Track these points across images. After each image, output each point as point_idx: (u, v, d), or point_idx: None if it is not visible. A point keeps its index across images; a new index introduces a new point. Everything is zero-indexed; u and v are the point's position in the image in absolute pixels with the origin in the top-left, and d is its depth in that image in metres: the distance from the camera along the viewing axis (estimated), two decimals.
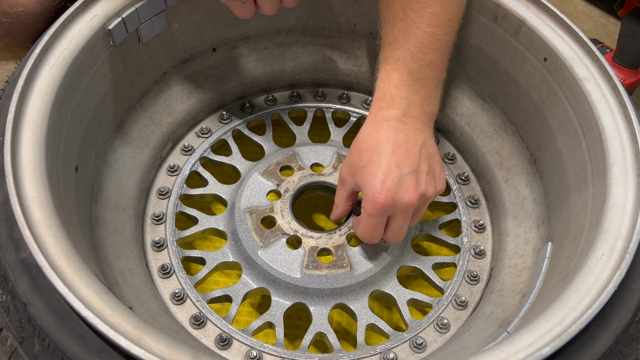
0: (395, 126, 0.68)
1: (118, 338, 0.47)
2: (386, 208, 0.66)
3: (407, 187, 0.66)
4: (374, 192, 0.65)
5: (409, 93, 0.69)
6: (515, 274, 0.76)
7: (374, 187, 0.65)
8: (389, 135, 0.67)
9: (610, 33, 1.65)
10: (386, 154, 0.66)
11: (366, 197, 0.67)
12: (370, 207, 0.66)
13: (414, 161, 0.67)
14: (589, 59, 0.70)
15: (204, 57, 0.89)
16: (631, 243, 0.55)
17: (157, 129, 0.86)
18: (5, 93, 0.65)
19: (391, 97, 0.69)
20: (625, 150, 0.63)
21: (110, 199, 0.76)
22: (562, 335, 0.50)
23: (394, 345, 0.73)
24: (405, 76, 0.69)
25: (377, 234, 0.69)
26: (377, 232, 0.69)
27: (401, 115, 0.68)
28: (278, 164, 0.85)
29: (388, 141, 0.67)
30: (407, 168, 0.66)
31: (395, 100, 0.68)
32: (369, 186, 0.66)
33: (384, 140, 0.67)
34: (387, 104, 0.69)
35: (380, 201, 0.65)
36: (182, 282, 0.76)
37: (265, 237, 0.77)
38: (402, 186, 0.65)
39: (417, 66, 0.69)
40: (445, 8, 0.68)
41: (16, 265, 0.52)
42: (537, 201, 0.80)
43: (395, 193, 0.65)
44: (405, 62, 0.68)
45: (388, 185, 0.65)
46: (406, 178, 0.66)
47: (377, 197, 0.65)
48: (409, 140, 0.68)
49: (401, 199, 0.65)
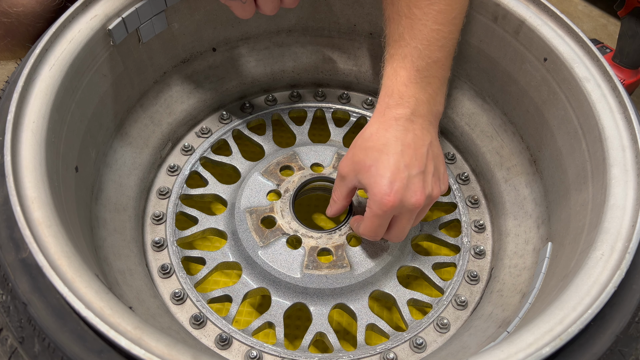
0: (405, 125, 0.67)
1: (118, 338, 0.47)
2: (393, 209, 0.65)
3: (415, 189, 0.65)
4: (382, 193, 0.64)
5: (417, 91, 0.68)
6: (515, 274, 0.76)
7: (382, 187, 0.64)
8: (397, 134, 0.67)
9: (610, 33, 1.65)
10: (395, 154, 0.65)
11: (373, 197, 0.66)
12: (377, 207, 0.65)
13: (421, 162, 0.66)
14: (589, 59, 0.70)
15: (204, 57, 0.89)
16: (631, 243, 0.55)
17: (157, 129, 0.86)
18: (5, 93, 0.64)
19: (399, 94, 0.68)
20: (625, 150, 0.63)
21: (110, 199, 0.76)
22: (562, 335, 0.50)
23: (394, 345, 0.73)
24: (413, 74, 0.68)
25: (380, 232, 0.69)
26: (380, 231, 0.69)
27: (410, 114, 0.67)
28: (278, 164, 0.85)
29: (397, 141, 0.66)
30: (415, 169, 0.65)
31: (403, 98, 0.68)
32: (376, 186, 0.65)
33: (393, 140, 0.66)
34: (396, 102, 0.68)
35: (388, 202, 0.64)
36: (182, 282, 0.76)
37: (265, 237, 0.77)
38: (410, 188, 0.65)
39: (425, 64, 0.68)
40: (450, 5, 0.68)
41: (16, 265, 0.52)
42: (537, 201, 0.80)
43: (404, 195, 0.65)
44: (413, 60, 0.68)
45: (397, 186, 0.64)
46: (414, 179, 0.65)
47: (386, 198, 0.64)
48: (417, 140, 0.67)
49: (409, 201, 0.65)
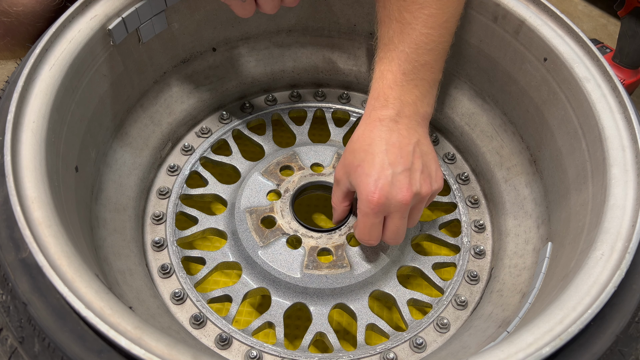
0: (389, 126, 0.68)
1: (118, 338, 0.47)
2: (380, 207, 0.66)
3: (400, 186, 0.66)
4: (367, 191, 0.65)
5: (402, 93, 0.69)
6: (515, 273, 0.76)
7: (368, 186, 0.65)
8: (382, 134, 0.68)
9: (610, 33, 1.65)
10: (379, 153, 0.66)
11: (360, 196, 0.67)
12: (365, 206, 0.66)
13: (407, 160, 0.67)
14: (589, 59, 0.70)
15: (204, 57, 0.89)
16: (631, 243, 0.55)
17: (157, 129, 0.86)
18: (5, 93, 0.64)
19: (385, 97, 0.69)
20: (625, 150, 0.63)
21: (110, 199, 0.76)
22: (562, 335, 0.50)
23: (394, 345, 0.73)
24: (399, 77, 0.69)
25: (374, 235, 0.69)
26: (374, 233, 0.69)
27: (394, 115, 0.68)
28: (278, 164, 0.85)
29: (381, 140, 0.67)
30: (400, 167, 0.66)
31: (388, 100, 0.69)
32: (362, 185, 0.66)
33: (377, 140, 0.67)
34: (381, 104, 0.69)
35: (374, 200, 0.65)
36: (182, 282, 0.76)
37: (265, 237, 0.77)
38: (396, 185, 0.65)
39: (411, 67, 0.69)
40: (441, 9, 0.68)
41: (16, 265, 0.52)
42: (537, 201, 0.80)
43: (389, 192, 0.65)
44: (400, 63, 0.69)
45: (381, 183, 0.65)
46: (399, 177, 0.66)
47: (371, 196, 0.65)
48: (402, 139, 0.68)
49: (395, 198, 0.65)
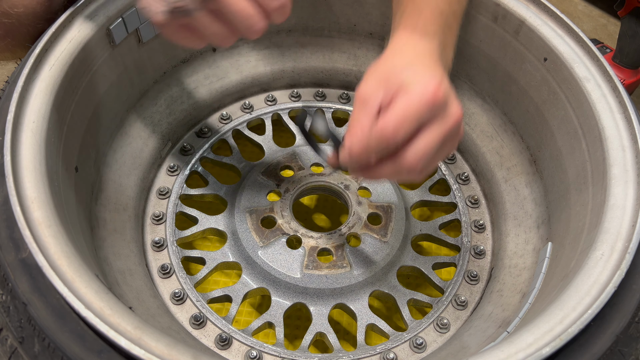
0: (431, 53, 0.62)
1: (118, 338, 0.47)
2: (435, 106, 0.53)
3: (455, 97, 0.56)
4: (425, 82, 0.53)
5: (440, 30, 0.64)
6: (515, 274, 0.76)
7: (430, 79, 0.53)
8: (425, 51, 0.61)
9: (610, 33, 1.65)
10: (434, 61, 0.60)
11: (413, 89, 0.53)
12: (417, 98, 0.52)
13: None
14: (589, 59, 0.70)
15: (204, 57, 0.89)
16: (631, 243, 0.55)
17: (157, 129, 0.86)
18: (5, 93, 0.64)
19: (424, 27, 0.63)
20: (625, 150, 0.63)
21: (110, 199, 0.76)
22: (562, 335, 0.50)
23: (394, 345, 0.73)
24: (436, 15, 0.64)
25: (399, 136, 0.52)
26: (400, 134, 0.52)
27: (437, 45, 0.62)
28: (278, 164, 0.85)
29: (432, 53, 0.61)
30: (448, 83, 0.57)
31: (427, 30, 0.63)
32: (419, 76, 0.54)
33: (428, 51, 0.61)
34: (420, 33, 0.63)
35: (432, 93, 0.52)
36: (182, 282, 0.76)
37: (265, 237, 0.77)
38: (453, 94, 0.56)
39: (447, 8, 0.65)
40: None
41: (16, 265, 0.52)
42: (537, 201, 0.80)
43: (449, 94, 0.55)
44: (438, 3, 0.65)
45: (445, 85, 0.54)
46: (452, 90, 0.57)
47: (432, 86, 0.52)
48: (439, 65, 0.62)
49: (452, 103, 0.55)
